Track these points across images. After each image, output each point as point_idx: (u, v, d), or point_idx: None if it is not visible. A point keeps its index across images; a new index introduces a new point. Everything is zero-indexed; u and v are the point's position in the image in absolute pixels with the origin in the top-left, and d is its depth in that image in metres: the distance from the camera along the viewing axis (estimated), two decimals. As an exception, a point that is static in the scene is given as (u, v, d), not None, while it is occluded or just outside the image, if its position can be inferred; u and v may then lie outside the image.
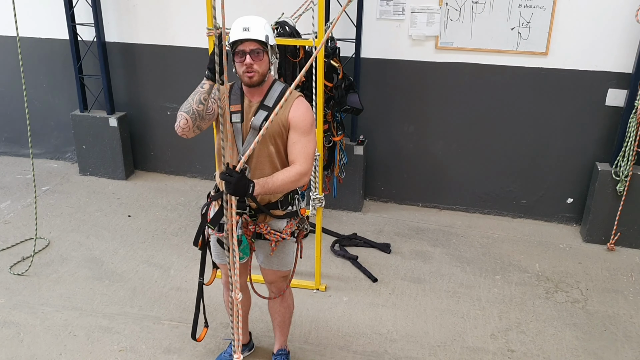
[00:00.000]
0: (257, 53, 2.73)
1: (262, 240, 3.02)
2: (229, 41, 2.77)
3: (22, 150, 6.49)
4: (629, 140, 4.61)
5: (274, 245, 2.99)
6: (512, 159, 5.23)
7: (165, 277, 4.42)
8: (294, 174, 2.78)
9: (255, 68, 2.73)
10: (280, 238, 2.98)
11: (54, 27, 5.81)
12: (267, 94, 2.86)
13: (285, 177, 2.76)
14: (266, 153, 2.86)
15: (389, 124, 5.37)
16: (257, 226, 2.96)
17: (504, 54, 4.89)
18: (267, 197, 2.91)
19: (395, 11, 4.94)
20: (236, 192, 2.40)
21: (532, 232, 5.17)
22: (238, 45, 2.74)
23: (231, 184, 2.37)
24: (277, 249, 3.03)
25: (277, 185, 2.73)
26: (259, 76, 2.77)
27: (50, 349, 3.66)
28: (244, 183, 2.49)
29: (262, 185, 2.66)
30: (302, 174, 2.79)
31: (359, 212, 5.49)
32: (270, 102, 2.85)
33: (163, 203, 5.61)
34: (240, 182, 2.42)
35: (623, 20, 4.58)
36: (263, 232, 2.96)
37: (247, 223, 2.94)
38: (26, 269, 4.44)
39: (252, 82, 2.77)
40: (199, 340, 3.43)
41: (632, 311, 4.12)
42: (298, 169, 2.79)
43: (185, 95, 5.73)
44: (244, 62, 2.73)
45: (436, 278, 4.48)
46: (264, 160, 2.87)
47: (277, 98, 2.85)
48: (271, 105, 2.84)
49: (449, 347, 3.74)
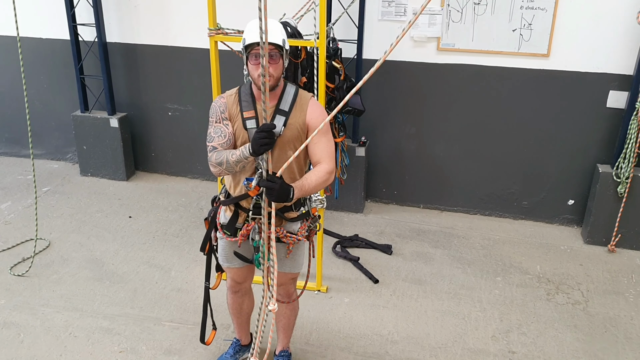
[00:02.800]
0: (273, 56, 2.69)
1: (279, 244, 2.98)
2: (244, 43, 2.73)
3: (23, 150, 6.48)
4: (630, 142, 4.61)
5: (291, 248, 2.99)
6: (513, 161, 5.23)
7: (166, 278, 4.42)
8: (324, 173, 2.80)
9: (271, 72, 2.68)
10: (296, 240, 2.98)
11: (55, 27, 5.81)
12: (281, 98, 2.83)
13: (318, 177, 2.78)
14: (285, 158, 2.80)
15: (391, 125, 5.37)
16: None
17: (505, 55, 4.89)
18: None
19: (397, 12, 4.94)
20: (279, 198, 2.46)
21: (533, 234, 5.17)
22: (254, 48, 2.69)
23: (274, 190, 2.43)
24: (292, 251, 3.03)
25: (312, 186, 2.76)
26: (274, 80, 2.73)
27: (50, 350, 3.65)
28: (286, 188, 2.53)
29: (300, 188, 2.68)
30: (330, 173, 2.83)
31: (361, 213, 5.48)
32: (286, 106, 2.82)
33: (164, 204, 5.60)
34: (283, 187, 2.48)
35: (624, 22, 4.58)
36: (280, 236, 2.94)
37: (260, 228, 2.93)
38: (26, 270, 4.44)
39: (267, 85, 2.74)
40: (207, 343, 3.43)
41: (633, 313, 4.12)
42: (326, 168, 2.82)
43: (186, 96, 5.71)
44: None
45: (437, 279, 4.47)
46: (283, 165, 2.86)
47: (291, 101, 2.83)
48: (287, 109, 2.82)
49: (449, 349, 3.74)
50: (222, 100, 2.91)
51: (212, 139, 2.85)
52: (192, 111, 5.84)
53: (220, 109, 2.87)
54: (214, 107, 2.90)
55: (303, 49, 4.16)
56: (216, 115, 2.88)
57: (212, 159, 2.82)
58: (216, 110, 2.88)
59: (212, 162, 2.82)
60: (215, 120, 2.88)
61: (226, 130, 2.84)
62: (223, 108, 2.87)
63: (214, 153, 2.83)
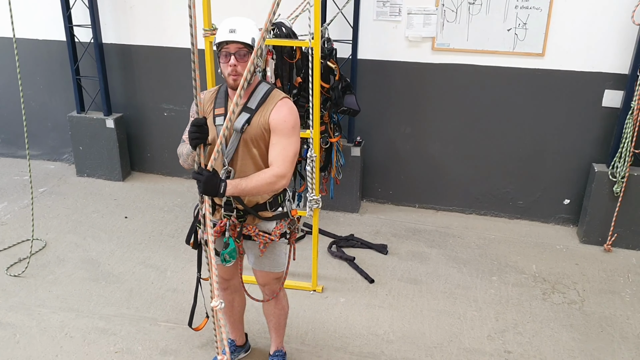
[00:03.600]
0: (242, 55, 2.72)
1: (250, 242, 3.01)
2: (215, 41, 2.78)
3: (19, 151, 6.48)
4: (626, 141, 4.62)
5: (263, 247, 2.98)
6: (509, 160, 5.24)
7: (162, 279, 4.42)
8: (270, 176, 2.74)
9: (239, 70, 2.72)
10: (268, 240, 2.97)
11: (51, 28, 5.81)
12: (251, 96, 2.85)
13: (261, 178, 2.73)
14: (250, 156, 2.83)
15: (386, 125, 5.37)
16: (245, 228, 2.95)
17: (500, 55, 4.89)
18: (255, 198, 2.91)
19: (392, 12, 4.95)
20: (206, 191, 2.48)
21: (528, 233, 5.18)
22: (223, 47, 2.75)
23: (201, 182, 2.47)
24: (267, 250, 3.02)
25: (251, 186, 2.71)
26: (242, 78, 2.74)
27: (46, 351, 3.65)
28: (214, 182, 2.53)
29: (235, 185, 2.65)
30: (278, 176, 2.76)
31: (356, 213, 5.49)
32: (254, 104, 2.83)
33: (160, 204, 5.60)
34: (210, 181, 2.49)
35: (619, 21, 4.58)
36: (251, 234, 2.95)
37: (234, 225, 2.94)
38: (23, 271, 4.43)
39: (236, 84, 2.74)
40: (197, 329, 3.42)
41: (629, 312, 4.12)
42: (274, 171, 2.76)
43: (181, 96, 5.71)
44: (229, 63, 2.72)
45: (433, 279, 4.48)
46: (248, 163, 2.84)
47: (260, 99, 2.84)
48: (254, 107, 2.82)
49: (445, 348, 3.74)
50: (200, 96, 2.93)
51: (184, 132, 2.89)
52: (188, 111, 5.77)
53: (196, 104, 2.89)
54: (193, 102, 2.93)
55: (298, 50, 4.16)
56: (192, 111, 2.96)
57: (178, 152, 2.97)
58: (193, 106, 2.93)
59: (178, 154, 2.96)
60: (191, 115, 2.95)
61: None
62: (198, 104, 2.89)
63: (179, 145, 2.96)
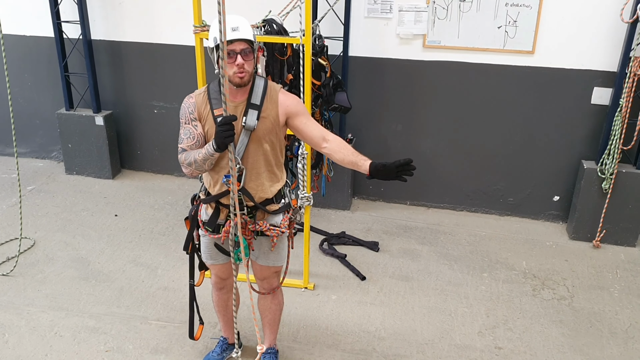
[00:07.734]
0: (247, 53, 2.70)
1: (262, 237, 3.01)
2: (215, 42, 2.73)
3: (7, 149, 6.41)
4: (614, 139, 4.66)
5: (276, 241, 3.00)
6: (499, 157, 5.26)
7: (153, 277, 4.39)
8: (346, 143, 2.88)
9: (246, 68, 2.70)
10: (280, 232, 2.99)
11: (39, 24, 5.74)
12: (251, 92, 2.83)
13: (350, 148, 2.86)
14: (261, 151, 2.86)
15: (377, 122, 5.37)
16: (257, 224, 2.95)
17: (491, 52, 4.91)
18: (264, 194, 2.93)
19: (383, 9, 4.95)
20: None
21: (519, 230, 5.20)
22: (227, 46, 2.68)
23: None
24: (276, 244, 3.03)
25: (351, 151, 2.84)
26: (249, 76, 2.74)
27: (35, 350, 3.62)
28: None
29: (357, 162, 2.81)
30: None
31: (348, 210, 5.49)
32: (257, 100, 2.82)
33: (150, 202, 5.57)
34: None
35: (608, 19, 4.61)
36: (263, 229, 2.96)
37: (246, 223, 2.93)
38: (11, 269, 4.39)
39: (243, 82, 2.73)
40: (196, 338, 3.43)
41: (618, 307, 4.16)
42: (339, 138, 2.89)
43: (172, 93, 5.66)
44: (236, 62, 2.68)
45: (424, 276, 4.49)
46: (259, 159, 2.87)
47: (262, 95, 2.84)
48: (259, 102, 2.82)
49: (436, 345, 3.76)
50: (190, 100, 2.90)
51: (182, 140, 2.87)
52: (178, 109, 5.57)
53: (189, 110, 2.87)
54: (183, 107, 2.90)
55: (289, 46, 4.15)
56: (185, 117, 2.88)
57: (182, 161, 2.84)
58: (185, 111, 2.88)
59: (183, 164, 2.85)
60: (185, 122, 2.88)
61: (195, 132, 2.85)
62: (192, 109, 2.87)
63: (183, 154, 2.85)
